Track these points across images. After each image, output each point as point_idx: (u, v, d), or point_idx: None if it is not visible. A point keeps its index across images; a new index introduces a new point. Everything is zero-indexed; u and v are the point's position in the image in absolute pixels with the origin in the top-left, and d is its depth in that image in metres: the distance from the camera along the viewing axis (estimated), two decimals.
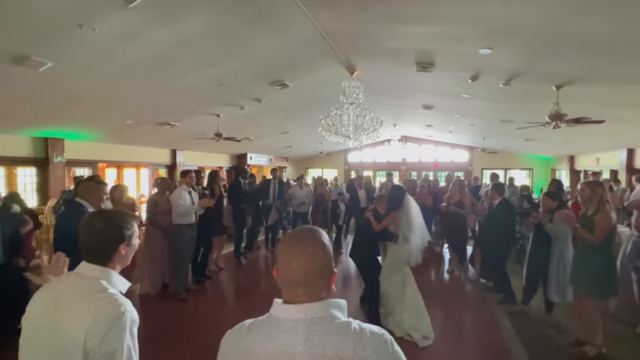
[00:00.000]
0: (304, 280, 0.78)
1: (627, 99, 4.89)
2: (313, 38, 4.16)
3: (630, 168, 8.31)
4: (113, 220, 1.13)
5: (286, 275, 0.79)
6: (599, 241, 2.72)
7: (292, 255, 0.80)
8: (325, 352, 0.73)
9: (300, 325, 0.75)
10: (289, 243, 0.84)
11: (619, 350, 2.92)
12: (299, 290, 0.78)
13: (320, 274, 0.79)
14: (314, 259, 0.79)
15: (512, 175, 9.68)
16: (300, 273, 0.77)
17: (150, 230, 4.40)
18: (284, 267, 0.79)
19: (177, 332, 3.35)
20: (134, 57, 3.80)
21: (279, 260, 0.82)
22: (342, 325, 0.76)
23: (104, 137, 7.49)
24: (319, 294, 0.78)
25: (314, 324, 0.75)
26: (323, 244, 0.82)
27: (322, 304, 0.77)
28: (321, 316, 0.76)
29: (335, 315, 0.77)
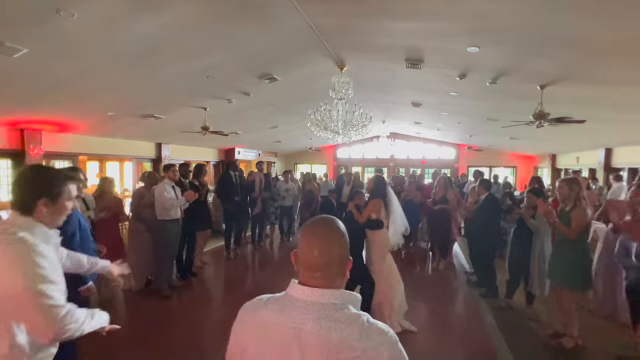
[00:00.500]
0: (323, 266, 0.83)
1: (606, 100, 5.05)
2: (302, 31, 4.10)
3: (608, 167, 8.62)
4: (41, 174, 1.14)
5: (306, 260, 0.84)
6: (575, 235, 2.83)
7: (314, 242, 0.85)
8: (331, 337, 0.77)
9: (313, 307, 0.80)
10: (311, 231, 0.88)
11: (595, 342, 3.04)
12: (317, 274, 0.83)
13: (338, 261, 0.85)
14: (334, 246, 0.85)
15: (496, 173, 9.89)
16: (321, 260, 0.83)
17: (134, 224, 4.30)
18: (305, 252, 0.85)
19: (160, 329, 3.29)
20: (115, 46, 3.65)
21: (299, 245, 0.87)
22: (351, 316, 0.80)
23: (85, 129, 7.22)
24: (335, 280, 0.84)
25: (326, 309, 0.80)
26: (342, 233, 0.88)
27: (337, 293, 0.83)
28: (334, 303, 0.81)
29: (348, 306, 0.82)
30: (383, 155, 15.26)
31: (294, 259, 0.88)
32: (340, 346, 0.76)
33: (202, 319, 3.50)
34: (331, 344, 0.76)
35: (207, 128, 6.95)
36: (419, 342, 3.17)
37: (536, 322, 3.56)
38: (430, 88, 6.30)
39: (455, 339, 3.30)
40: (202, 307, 3.88)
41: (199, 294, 4.32)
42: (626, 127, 6.49)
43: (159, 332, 3.23)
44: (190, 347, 2.99)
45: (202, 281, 4.80)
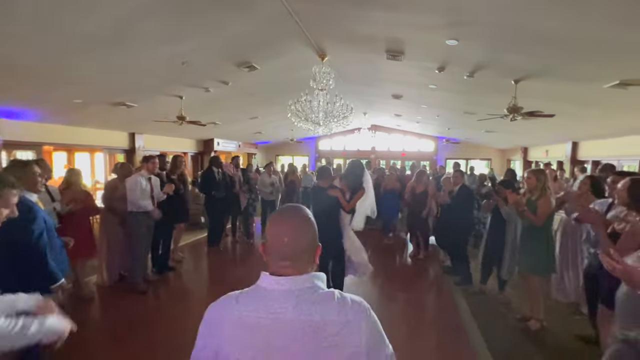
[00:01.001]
0: (293, 255, 0.84)
1: (573, 96, 5.30)
2: (282, 17, 3.99)
3: (574, 160, 9.13)
4: None
5: (276, 249, 0.85)
6: (541, 222, 3.00)
7: (282, 231, 0.85)
8: (313, 318, 0.80)
9: (290, 295, 0.82)
10: (280, 220, 0.89)
11: (558, 325, 3.25)
12: (287, 263, 0.84)
13: (307, 249, 0.86)
14: (303, 235, 0.86)
15: (472, 165, 10.22)
16: (290, 248, 0.84)
17: (107, 217, 4.12)
18: (275, 242, 0.85)
19: (136, 325, 3.18)
20: (78, 28, 3.39)
21: (268, 235, 0.87)
22: (326, 294, 0.84)
23: (50, 117, 6.76)
24: (305, 267, 0.86)
25: (302, 294, 0.82)
26: (310, 221, 0.89)
27: (308, 276, 0.85)
28: (308, 287, 0.84)
29: (319, 285, 0.85)
30: (364, 147, 15.41)
31: (263, 250, 0.89)
32: (324, 324, 0.80)
33: (180, 315, 3.42)
34: (315, 325, 0.80)
35: (183, 118, 6.70)
36: (394, 328, 3.26)
37: (506, 307, 3.75)
38: (411, 81, 6.36)
39: (429, 325, 3.42)
40: (180, 302, 3.79)
41: (177, 289, 4.22)
42: (590, 122, 6.86)
43: (135, 329, 3.13)
44: (168, 344, 2.91)
45: (180, 275, 4.69)
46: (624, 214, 2.20)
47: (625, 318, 1.74)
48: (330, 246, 3.51)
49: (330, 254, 3.52)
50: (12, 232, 2.05)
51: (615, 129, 6.95)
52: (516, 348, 2.92)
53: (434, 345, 3.03)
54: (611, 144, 7.79)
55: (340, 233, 3.48)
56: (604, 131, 7.43)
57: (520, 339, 3.04)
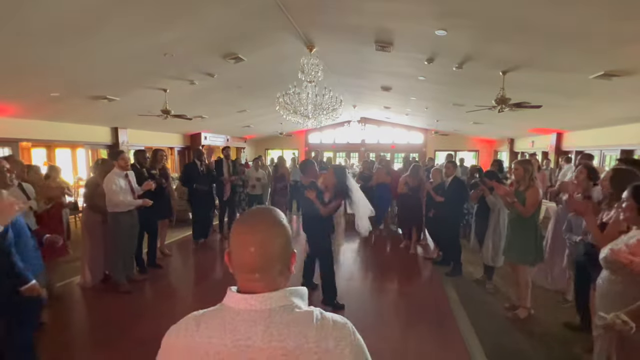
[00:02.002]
0: (262, 265, 0.71)
1: (559, 87, 5.36)
2: (268, 6, 3.86)
3: (558, 150, 9.33)
4: None
5: (242, 260, 0.72)
6: (530, 213, 3.03)
7: (248, 238, 0.72)
8: (286, 345, 0.67)
9: (259, 316, 0.69)
10: (244, 226, 0.74)
11: (544, 313, 3.32)
12: (256, 276, 0.71)
13: (279, 257, 0.73)
14: (272, 241, 0.72)
15: (462, 157, 10.32)
16: (258, 258, 0.71)
17: (89, 215, 3.96)
18: (239, 251, 0.72)
19: (121, 327, 3.09)
20: (51, 14, 3.19)
21: (232, 244, 0.74)
22: (303, 315, 0.71)
23: (26, 111, 6.45)
24: (277, 279, 0.73)
25: (274, 315, 0.69)
26: (281, 224, 0.75)
27: (282, 293, 0.72)
28: (282, 305, 0.71)
29: (297, 304, 0.72)
30: (354, 140, 15.39)
31: (228, 260, 0.75)
32: (299, 352, 0.67)
33: (166, 314, 3.33)
34: (288, 353, 0.67)
35: (167, 111, 6.49)
36: (386, 319, 3.27)
37: (495, 296, 3.82)
38: (400, 72, 6.32)
39: (419, 315, 3.44)
40: (166, 301, 3.69)
41: (163, 288, 4.10)
42: (573, 112, 6.98)
43: (119, 330, 3.03)
44: (154, 345, 2.84)
45: (166, 274, 4.57)
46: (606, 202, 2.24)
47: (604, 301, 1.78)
48: (314, 245, 3.46)
49: (316, 253, 3.49)
50: None
51: (599, 119, 7.10)
52: (505, 336, 2.97)
53: (423, 334, 3.05)
54: (594, 134, 7.97)
55: (325, 231, 3.38)
56: (587, 122, 7.59)
57: (508, 327, 3.09)
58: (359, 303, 3.60)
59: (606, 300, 1.76)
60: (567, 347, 2.75)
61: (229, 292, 0.74)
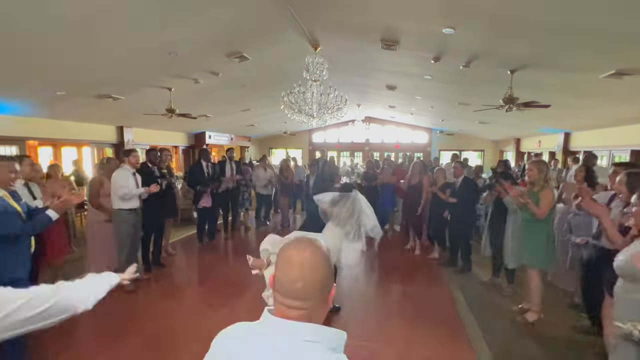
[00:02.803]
0: (303, 292, 0.74)
1: (569, 87, 5.26)
2: (274, 4, 3.84)
3: (566, 150, 9.19)
4: None
5: (286, 286, 0.75)
6: (544, 214, 2.95)
7: (295, 272, 0.75)
8: None
9: (284, 344, 0.72)
10: (291, 252, 0.78)
11: (554, 316, 3.26)
12: (296, 303, 0.75)
13: (321, 288, 0.76)
14: (316, 270, 0.76)
15: (466, 157, 10.22)
16: (301, 284, 0.74)
17: (94, 214, 3.97)
18: (285, 277, 0.76)
19: (125, 326, 3.09)
20: (55, 13, 3.18)
21: (278, 267, 0.78)
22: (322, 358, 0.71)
23: (33, 110, 6.49)
24: (316, 309, 0.76)
25: (296, 346, 0.71)
26: (326, 256, 0.79)
27: (313, 328, 0.73)
28: (307, 340, 0.72)
29: (322, 346, 0.72)
30: (358, 139, 15.32)
31: (272, 282, 0.79)
32: None
33: (170, 313, 3.33)
34: None
35: (172, 110, 6.50)
36: (391, 322, 3.23)
37: (502, 298, 3.75)
38: (405, 71, 6.25)
39: (425, 317, 3.39)
40: (170, 300, 3.68)
41: (167, 287, 4.10)
42: (583, 112, 6.87)
43: (124, 329, 3.03)
44: (159, 343, 2.84)
45: (171, 273, 4.57)
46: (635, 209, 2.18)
47: (622, 310, 1.72)
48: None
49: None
50: None
51: (608, 119, 6.98)
52: (513, 339, 2.91)
53: (430, 336, 3.01)
54: (603, 134, 7.83)
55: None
56: (597, 122, 7.46)
57: (517, 331, 3.04)
58: (363, 305, 3.57)
59: (624, 308, 1.70)
60: (578, 352, 2.69)
61: (265, 313, 0.78)
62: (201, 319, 3.17)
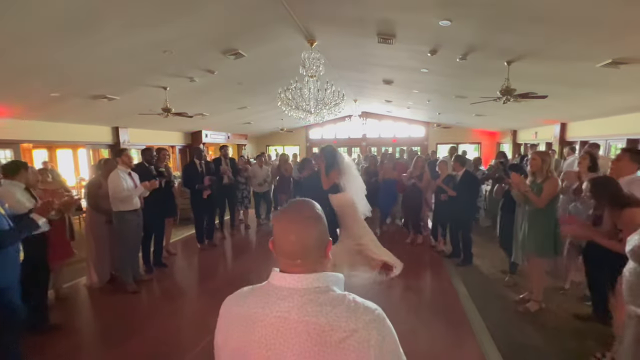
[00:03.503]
0: (302, 252, 0.80)
1: (565, 77, 5.27)
2: (268, 0, 3.79)
3: (563, 141, 9.24)
4: None
5: (283, 247, 0.81)
6: (544, 204, 2.95)
7: (289, 228, 0.81)
8: (319, 320, 0.75)
9: (295, 293, 0.78)
10: (285, 216, 0.84)
11: (554, 304, 3.29)
12: (297, 262, 0.81)
13: (317, 245, 0.82)
14: (310, 230, 0.81)
15: (464, 149, 10.24)
16: (298, 246, 0.80)
17: (93, 216, 3.94)
18: (282, 239, 0.82)
19: (129, 328, 3.08)
20: (47, 13, 3.13)
21: (275, 232, 0.84)
22: (337, 297, 0.79)
23: (27, 112, 6.41)
24: (315, 264, 0.82)
25: (309, 294, 0.78)
26: (318, 215, 0.84)
27: (319, 275, 0.80)
28: (317, 287, 0.79)
29: (331, 287, 0.80)
30: (355, 134, 15.31)
31: (272, 246, 0.85)
32: (328, 328, 0.74)
33: (174, 314, 3.32)
34: (319, 328, 0.75)
35: (168, 110, 6.44)
36: (393, 313, 3.24)
37: (506, 289, 3.77)
38: (402, 65, 6.23)
39: (428, 309, 3.42)
40: (174, 300, 3.67)
41: (170, 287, 4.08)
42: (578, 102, 6.89)
43: (127, 331, 3.02)
44: (163, 344, 2.83)
45: (172, 273, 4.56)
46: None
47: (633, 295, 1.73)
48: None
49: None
50: None
51: (604, 109, 7.01)
52: (516, 329, 2.94)
53: (433, 328, 3.03)
54: (599, 124, 7.87)
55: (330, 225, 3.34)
56: (593, 111, 7.49)
57: (519, 321, 3.06)
58: (364, 298, 3.56)
59: (636, 292, 1.71)
60: (580, 340, 2.72)
61: (273, 271, 0.84)
62: (205, 318, 3.16)
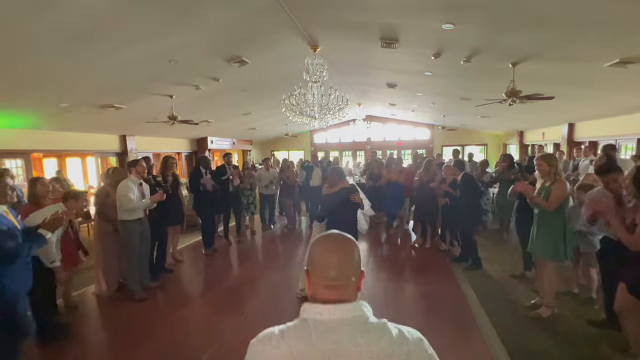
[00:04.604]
0: (343, 276, 0.81)
1: (572, 77, 5.21)
2: (271, 7, 3.83)
3: (571, 141, 9.11)
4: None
5: (325, 269, 0.81)
6: (552, 207, 2.90)
7: (332, 249, 0.84)
8: (372, 349, 0.75)
9: (342, 324, 0.77)
10: (327, 240, 0.86)
11: (568, 310, 3.22)
12: (336, 285, 0.81)
13: (355, 272, 0.83)
14: (352, 255, 0.84)
15: (470, 152, 10.14)
16: (340, 269, 0.81)
17: (100, 224, 3.98)
18: (323, 261, 0.82)
19: (137, 336, 3.09)
20: (52, 26, 3.19)
21: (315, 256, 0.84)
22: (379, 324, 0.80)
23: (37, 122, 6.55)
24: (352, 293, 0.83)
25: (354, 323, 0.78)
26: (356, 245, 0.87)
27: (357, 305, 0.81)
28: (360, 315, 0.79)
29: (368, 315, 0.81)
30: (360, 138, 15.29)
31: (308, 276, 0.85)
32: (384, 356, 0.75)
33: (181, 322, 3.32)
34: (375, 357, 0.75)
35: (174, 117, 6.52)
36: (401, 317, 3.20)
37: (516, 294, 3.69)
38: (405, 68, 6.23)
39: (437, 314, 3.37)
40: (181, 308, 3.66)
41: (176, 295, 4.08)
42: (588, 102, 6.79)
43: (135, 339, 3.03)
44: (171, 353, 2.83)
45: (179, 280, 4.58)
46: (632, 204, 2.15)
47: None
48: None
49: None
50: None
51: (613, 108, 6.90)
52: (528, 335, 2.87)
53: (442, 334, 2.98)
54: (608, 123, 7.75)
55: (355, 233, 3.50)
56: (601, 111, 7.38)
57: (531, 326, 3.00)
58: (372, 303, 3.52)
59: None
60: (594, 346, 2.66)
61: (308, 306, 0.82)
62: (213, 325, 3.17)
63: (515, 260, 4.45)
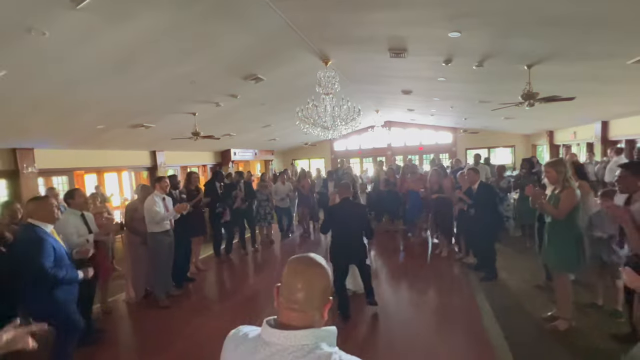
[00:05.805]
0: (304, 301, 0.82)
1: (595, 74, 4.96)
2: (281, 29, 4.04)
3: (605, 140, 8.52)
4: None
5: (289, 291, 0.83)
6: (562, 215, 2.80)
7: (299, 273, 0.85)
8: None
9: (283, 351, 0.78)
10: (297, 263, 0.88)
11: (585, 323, 3.05)
12: (296, 306, 0.82)
13: (318, 297, 0.84)
14: (318, 282, 0.85)
15: (492, 154, 9.76)
16: (301, 297, 0.82)
17: (130, 237, 4.34)
18: (289, 283, 0.84)
19: (160, 340, 3.33)
20: (91, 59, 3.62)
21: (284, 275, 0.86)
22: (321, 356, 0.78)
23: (78, 143, 7.25)
24: (312, 319, 0.83)
25: (295, 351, 0.78)
26: (327, 272, 0.87)
27: (309, 332, 0.80)
28: (304, 344, 0.78)
29: (320, 344, 0.80)
30: (380, 144, 15.20)
31: (277, 293, 0.88)
32: None
33: (201, 328, 3.53)
34: None
35: (197, 133, 6.94)
36: (414, 328, 3.20)
37: (533, 305, 3.55)
38: (418, 75, 6.22)
39: (450, 325, 3.32)
40: (201, 315, 3.90)
41: (198, 302, 4.32)
42: (617, 99, 6.38)
43: (158, 343, 3.27)
44: (192, 357, 3.03)
45: (201, 289, 4.83)
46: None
47: None
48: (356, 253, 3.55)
49: (355, 260, 3.60)
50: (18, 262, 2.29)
51: None
52: (542, 350, 2.76)
53: (452, 346, 2.94)
54: None
55: (363, 243, 3.58)
56: (637, 107, 6.89)
57: (547, 340, 2.88)
58: (383, 313, 3.55)
59: None
60: None
61: (264, 324, 0.85)
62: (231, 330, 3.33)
63: (538, 269, 4.26)
